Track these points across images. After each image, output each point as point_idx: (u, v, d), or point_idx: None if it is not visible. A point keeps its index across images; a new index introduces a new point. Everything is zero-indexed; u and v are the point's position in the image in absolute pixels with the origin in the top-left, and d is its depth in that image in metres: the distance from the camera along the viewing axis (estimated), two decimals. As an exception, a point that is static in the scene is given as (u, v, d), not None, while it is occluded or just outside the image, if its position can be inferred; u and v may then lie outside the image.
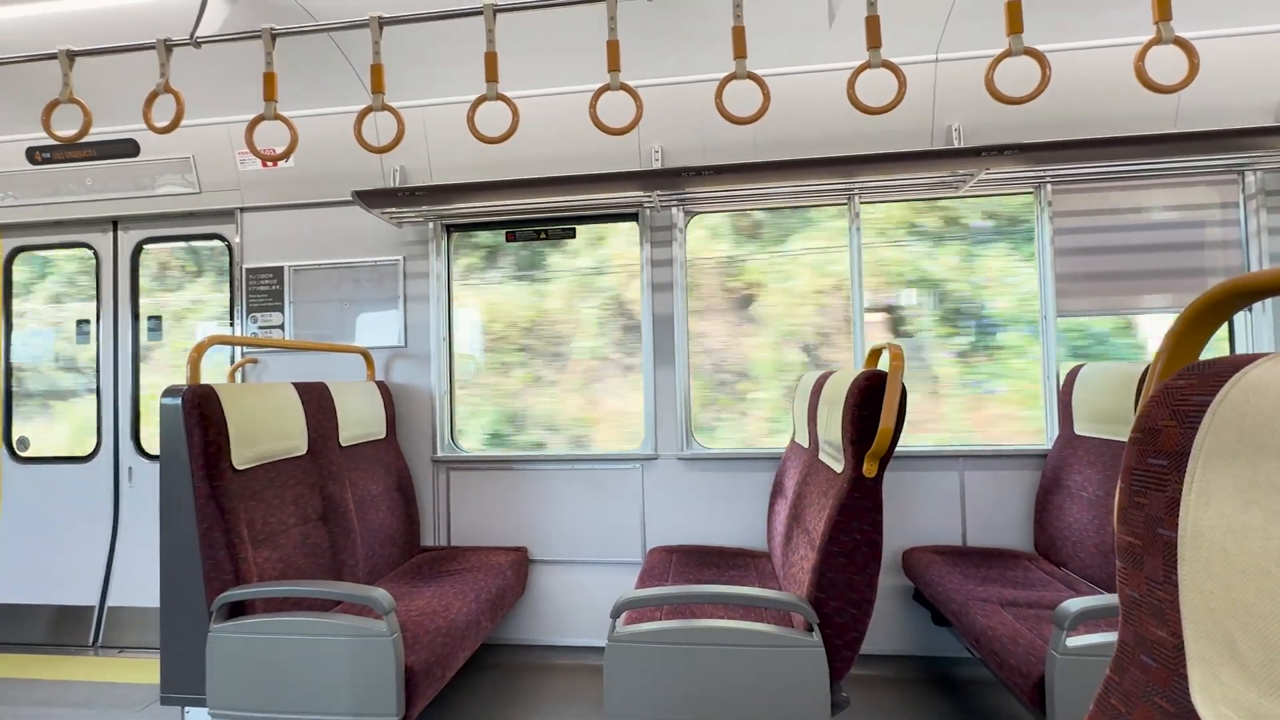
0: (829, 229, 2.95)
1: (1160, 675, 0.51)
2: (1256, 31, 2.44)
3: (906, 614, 2.68)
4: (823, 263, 2.95)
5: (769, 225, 3.00)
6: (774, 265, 3.00)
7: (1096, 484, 2.22)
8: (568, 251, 3.12)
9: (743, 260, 3.02)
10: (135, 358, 3.32)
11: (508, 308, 3.15)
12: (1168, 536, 0.50)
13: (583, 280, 3.11)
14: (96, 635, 3.14)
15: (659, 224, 2.92)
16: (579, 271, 3.11)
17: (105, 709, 2.47)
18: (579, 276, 3.11)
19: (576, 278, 3.11)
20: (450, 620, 2.06)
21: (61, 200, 3.22)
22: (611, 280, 3.08)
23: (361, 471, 2.61)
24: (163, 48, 1.96)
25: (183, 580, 2.00)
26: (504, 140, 1.89)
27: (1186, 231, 2.69)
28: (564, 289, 3.12)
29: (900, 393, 1.65)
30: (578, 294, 3.11)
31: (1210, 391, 0.48)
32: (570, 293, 3.12)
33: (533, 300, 3.14)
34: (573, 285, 3.11)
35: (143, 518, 3.24)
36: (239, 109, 2.92)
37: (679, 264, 2.90)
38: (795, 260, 2.99)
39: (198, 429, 1.89)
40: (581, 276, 3.11)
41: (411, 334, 3.05)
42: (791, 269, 2.99)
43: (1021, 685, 1.63)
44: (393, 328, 3.06)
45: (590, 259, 3.10)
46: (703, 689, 1.68)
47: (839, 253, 2.91)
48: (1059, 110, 2.59)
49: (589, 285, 3.10)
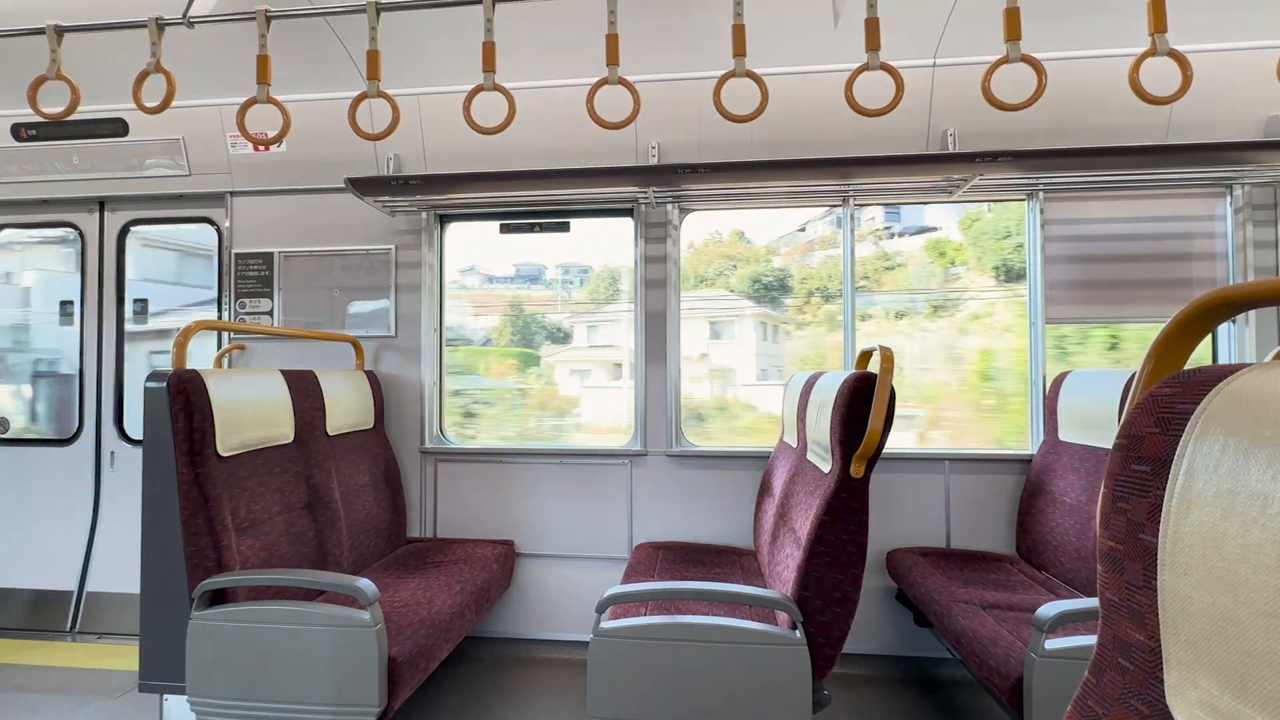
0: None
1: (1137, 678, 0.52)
2: (1246, 47, 2.47)
3: (889, 614, 2.70)
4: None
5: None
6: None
7: (1079, 490, 2.25)
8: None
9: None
10: (119, 340, 3.27)
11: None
12: (1148, 542, 0.51)
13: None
14: (74, 621, 3.10)
15: (654, 220, 2.92)
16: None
17: (82, 695, 2.44)
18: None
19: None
20: (435, 612, 2.06)
21: (47, 179, 3.16)
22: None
23: (348, 461, 2.59)
24: (154, 26, 1.93)
25: (164, 566, 1.97)
26: (500, 131, 1.88)
27: (1174, 243, 2.73)
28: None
29: (889, 395, 1.66)
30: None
31: (1194, 400, 0.49)
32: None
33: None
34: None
35: (124, 502, 3.20)
36: (231, 91, 2.87)
37: (673, 261, 2.90)
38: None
39: (183, 414, 1.87)
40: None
41: (402, 324, 3.03)
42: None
43: (1000, 686, 1.65)
44: (383, 317, 3.04)
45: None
46: (687, 685, 1.69)
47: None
48: (1053, 118, 2.61)
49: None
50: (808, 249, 3.04)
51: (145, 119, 3.00)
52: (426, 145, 2.93)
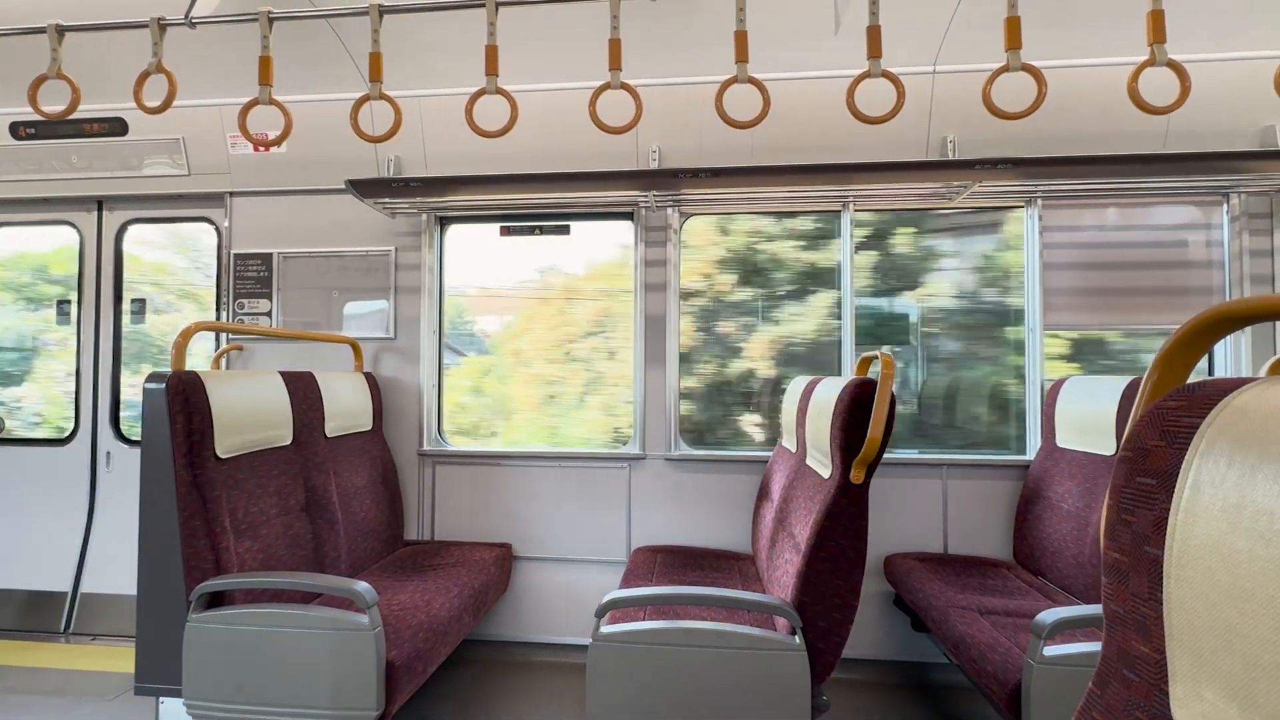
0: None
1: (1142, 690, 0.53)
2: (1244, 57, 2.49)
3: (887, 619, 2.71)
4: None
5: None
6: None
7: (1076, 496, 2.26)
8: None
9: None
10: (117, 340, 3.26)
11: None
12: (1154, 555, 0.51)
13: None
14: (68, 622, 3.08)
15: (654, 224, 2.92)
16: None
17: (77, 698, 2.42)
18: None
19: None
20: (432, 615, 2.05)
21: (45, 178, 3.15)
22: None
23: (346, 463, 2.58)
24: (156, 27, 1.93)
25: (161, 568, 1.96)
26: (502, 134, 1.88)
27: (1171, 250, 2.74)
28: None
29: (890, 401, 1.66)
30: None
31: (1200, 414, 0.49)
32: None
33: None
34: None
35: (119, 503, 3.18)
36: (232, 92, 2.87)
37: (673, 265, 2.91)
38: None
39: (181, 416, 1.86)
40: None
41: (401, 326, 3.02)
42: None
43: (998, 693, 1.65)
44: (382, 319, 3.03)
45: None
46: (686, 690, 1.69)
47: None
48: (1051, 126, 2.63)
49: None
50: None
51: (144, 118, 3.00)
52: (427, 147, 2.93)
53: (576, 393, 3.11)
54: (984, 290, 2.88)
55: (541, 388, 3.15)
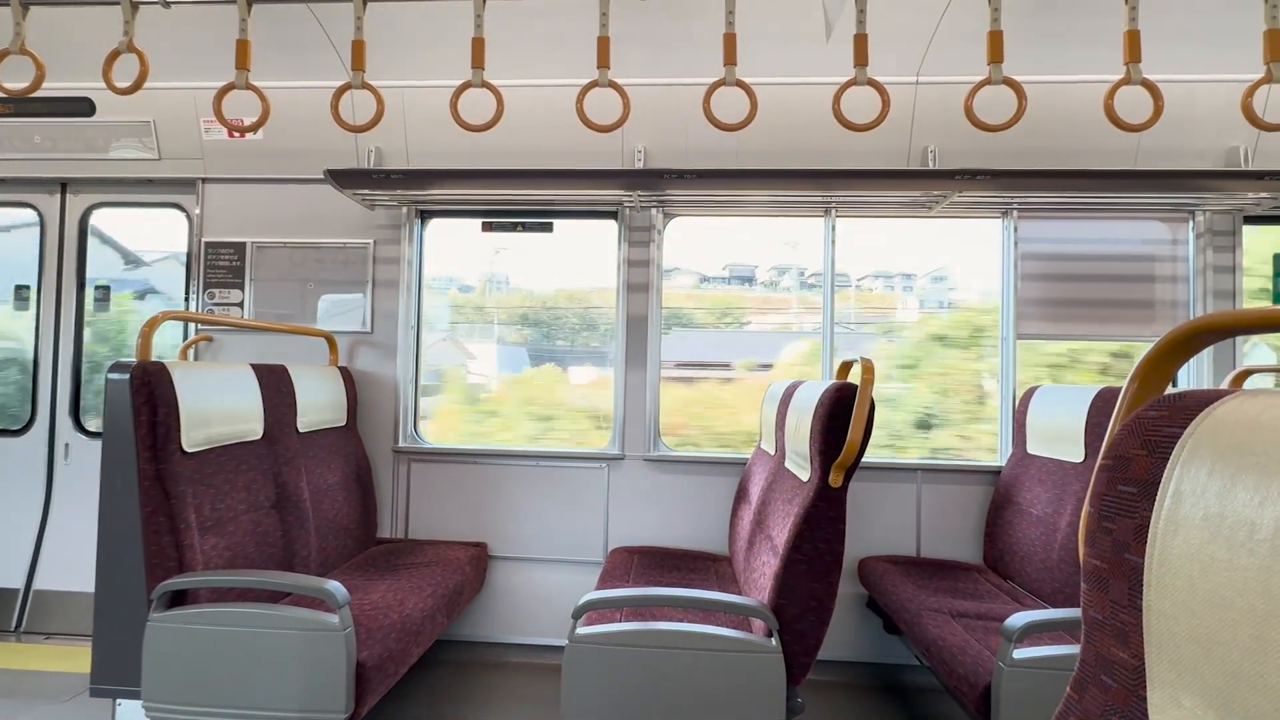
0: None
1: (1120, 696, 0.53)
2: (1212, 79, 2.58)
3: (860, 621, 2.74)
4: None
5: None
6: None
7: (1045, 502, 2.31)
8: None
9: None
10: (79, 328, 3.14)
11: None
12: (1134, 562, 0.52)
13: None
14: (20, 620, 2.96)
15: (638, 224, 2.91)
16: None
17: (28, 699, 2.33)
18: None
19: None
20: (405, 615, 2.02)
21: (5, 157, 3.03)
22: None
23: (319, 459, 2.52)
24: (127, 4, 1.86)
25: (121, 565, 1.89)
26: (487, 129, 1.86)
27: (1139, 264, 2.83)
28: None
29: (869, 406, 1.68)
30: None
31: (1182, 424, 0.50)
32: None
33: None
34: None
35: (77, 497, 3.07)
36: (207, 75, 2.79)
37: (655, 265, 2.90)
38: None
39: (146, 408, 1.80)
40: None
41: (378, 320, 2.97)
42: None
43: (969, 694, 1.68)
44: (358, 312, 2.97)
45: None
46: (662, 692, 1.68)
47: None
48: (1028, 140, 2.69)
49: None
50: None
51: (113, 99, 2.89)
52: (409, 139, 2.88)
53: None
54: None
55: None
